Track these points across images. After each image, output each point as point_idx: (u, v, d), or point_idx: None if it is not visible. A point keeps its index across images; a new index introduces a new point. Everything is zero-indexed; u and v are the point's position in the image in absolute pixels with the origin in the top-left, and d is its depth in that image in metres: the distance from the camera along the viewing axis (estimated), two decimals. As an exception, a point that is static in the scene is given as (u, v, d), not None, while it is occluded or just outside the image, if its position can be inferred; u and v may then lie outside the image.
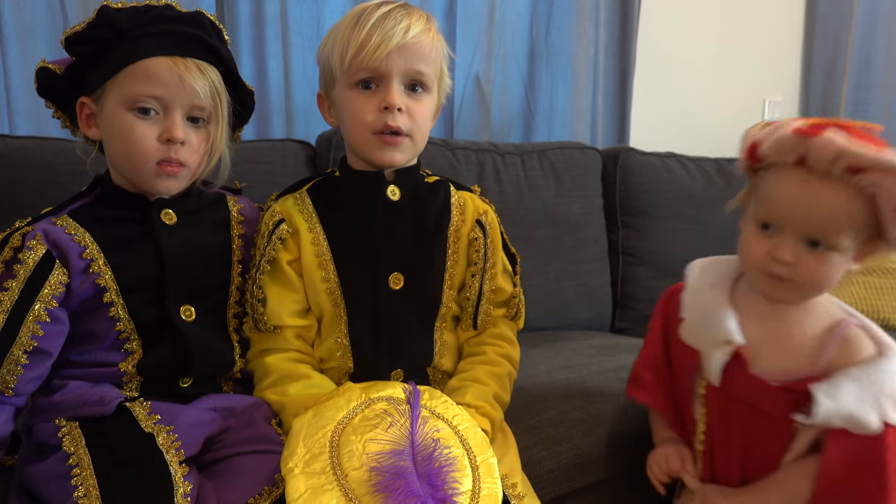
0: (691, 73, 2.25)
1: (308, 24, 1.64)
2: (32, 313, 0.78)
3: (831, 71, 2.46)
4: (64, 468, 0.71)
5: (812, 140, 0.74)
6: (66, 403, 0.80)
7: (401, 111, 0.89)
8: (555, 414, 1.05)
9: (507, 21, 1.88)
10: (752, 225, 0.81)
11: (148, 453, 0.72)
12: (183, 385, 0.88)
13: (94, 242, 0.83)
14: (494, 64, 1.87)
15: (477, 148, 1.62)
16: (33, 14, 1.41)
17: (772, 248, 0.77)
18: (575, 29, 1.95)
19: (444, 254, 0.96)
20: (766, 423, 0.81)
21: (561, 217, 1.64)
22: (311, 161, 1.45)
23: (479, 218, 0.99)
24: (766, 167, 0.80)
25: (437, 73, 0.94)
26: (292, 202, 0.96)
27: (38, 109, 1.44)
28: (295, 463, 0.71)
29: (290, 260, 0.92)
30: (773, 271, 0.78)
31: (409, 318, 0.94)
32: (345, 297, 0.91)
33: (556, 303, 1.59)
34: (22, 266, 0.79)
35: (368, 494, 0.68)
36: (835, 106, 2.46)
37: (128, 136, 0.83)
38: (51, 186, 1.14)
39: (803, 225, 0.76)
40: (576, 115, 1.98)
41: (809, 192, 0.75)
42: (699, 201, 1.82)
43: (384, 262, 0.93)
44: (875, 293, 1.65)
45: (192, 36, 0.85)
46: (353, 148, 0.95)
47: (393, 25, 0.88)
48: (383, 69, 0.88)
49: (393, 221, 0.94)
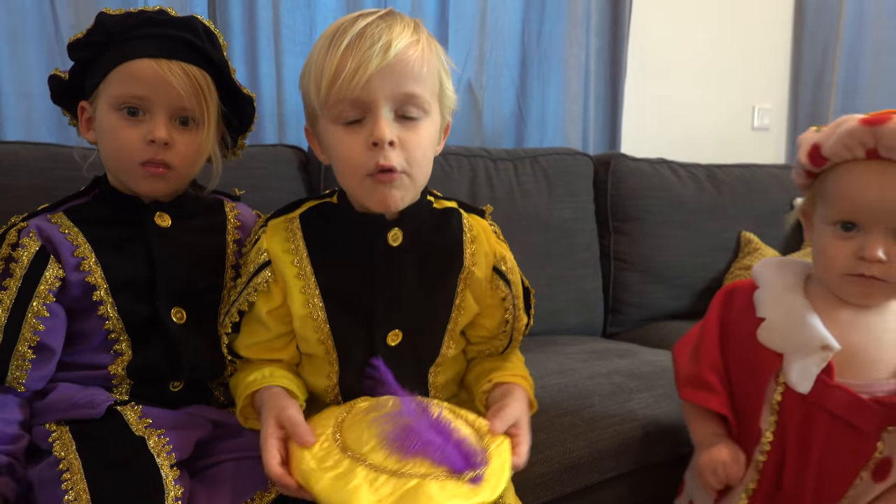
0: (682, 80, 2.27)
1: (300, 30, 1.64)
2: (31, 310, 0.79)
3: (820, 79, 2.48)
4: (55, 473, 0.71)
5: (882, 128, 0.71)
6: (56, 405, 0.80)
7: (392, 145, 0.75)
8: (547, 418, 1.05)
9: (499, 27, 1.89)
10: (827, 229, 0.77)
11: (139, 456, 0.72)
12: (173, 389, 0.87)
13: (87, 242, 0.83)
14: (486, 70, 1.88)
15: (469, 154, 1.63)
16: (24, 20, 1.41)
17: (857, 248, 0.74)
18: (566, 35, 1.96)
19: (450, 305, 0.86)
20: (850, 438, 0.76)
21: (553, 223, 1.65)
22: (304, 166, 1.45)
23: (497, 265, 0.87)
24: (831, 168, 0.77)
25: (433, 90, 0.79)
26: (283, 236, 0.85)
27: (29, 115, 1.44)
28: (308, 463, 0.70)
29: (270, 309, 0.84)
30: (864, 272, 0.73)
31: (405, 370, 0.83)
32: (337, 349, 0.84)
33: (548, 308, 1.59)
34: (17, 264, 0.80)
35: (389, 458, 0.69)
36: (823, 113, 2.48)
37: (114, 137, 0.84)
38: (41, 192, 1.13)
39: (888, 217, 0.72)
40: (567, 121, 1.99)
41: (890, 182, 0.72)
42: (690, 207, 1.83)
43: (382, 320, 0.84)
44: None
45: (180, 39, 0.85)
46: (346, 191, 0.84)
47: (370, 45, 0.74)
48: (366, 98, 0.75)
49: (393, 272, 0.83)
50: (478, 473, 0.69)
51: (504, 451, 0.75)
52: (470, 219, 0.90)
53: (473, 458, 0.70)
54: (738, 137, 2.41)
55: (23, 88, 1.42)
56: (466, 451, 0.70)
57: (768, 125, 2.48)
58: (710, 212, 1.86)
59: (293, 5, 1.62)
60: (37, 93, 1.44)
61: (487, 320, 0.90)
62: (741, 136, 2.42)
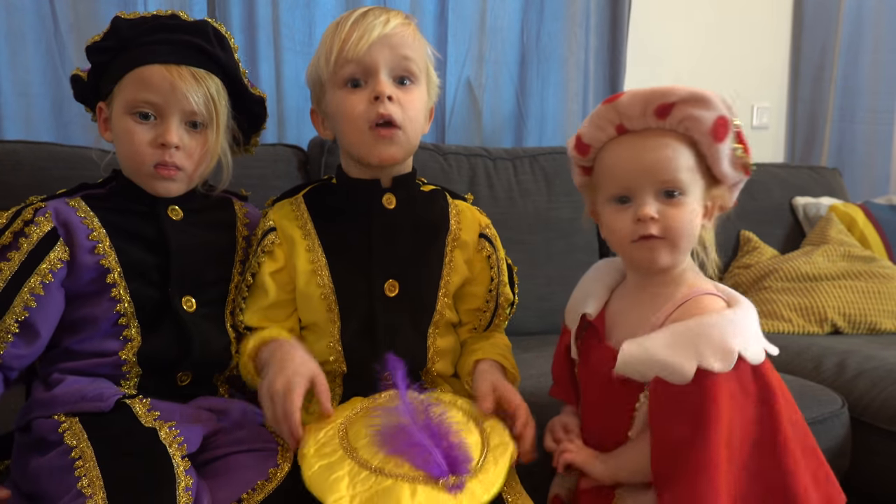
0: (680, 79, 2.25)
1: (300, 29, 1.65)
2: (28, 285, 0.81)
3: (818, 77, 2.48)
4: (66, 461, 0.72)
5: (619, 100, 0.80)
6: (64, 398, 0.81)
7: (391, 100, 0.88)
8: (546, 418, 1.05)
9: (499, 26, 1.89)
10: (607, 208, 0.84)
11: (150, 446, 0.73)
12: (181, 383, 0.89)
13: (102, 227, 0.86)
14: (486, 69, 1.88)
15: (468, 153, 1.63)
16: (23, 19, 1.41)
17: (633, 214, 0.80)
18: (565, 34, 1.96)
19: (441, 262, 0.96)
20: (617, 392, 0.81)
21: (552, 222, 1.65)
22: (303, 166, 1.45)
23: (483, 231, 1.00)
24: (597, 157, 0.86)
25: (422, 65, 0.93)
26: (288, 209, 0.96)
27: (28, 114, 1.44)
28: (308, 448, 0.74)
29: (273, 270, 0.93)
30: (643, 233, 0.79)
31: (403, 323, 0.93)
32: (339, 303, 0.92)
33: (547, 307, 1.59)
34: (26, 239, 0.82)
35: (377, 454, 0.71)
36: (822, 111, 2.48)
37: (128, 140, 0.87)
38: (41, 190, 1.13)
39: (650, 180, 0.79)
40: (567, 120, 1.99)
41: (640, 148, 0.80)
42: (689, 206, 1.83)
43: (379, 270, 0.93)
44: (864, 297, 1.67)
45: (191, 45, 0.88)
46: (348, 150, 0.94)
47: (372, 20, 0.89)
48: (368, 61, 0.88)
49: (389, 229, 0.94)
50: (460, 481, 0.69)
51: (504, 462, 0.75)
52: (454, 201, 1.02)
53: (460, 465, 0.70)
54: (737, 136, 2.41)
55: (22, 87, 1.43)
56: (455, 456, 0.71)
57: (767, 124, 2.48)
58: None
59: (292, 4, 1.63)
60: (36, 92, 1.44)
61: (477, 287, 0.99)
62: (740, 135, 2.42)
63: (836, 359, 1.37)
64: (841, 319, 1.64)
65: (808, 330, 1.64)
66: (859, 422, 1.22)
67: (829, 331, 1.64)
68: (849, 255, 1.77)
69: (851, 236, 1.85)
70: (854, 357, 1.36)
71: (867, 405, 1.23)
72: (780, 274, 1.74)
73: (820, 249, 1.78)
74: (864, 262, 1.75)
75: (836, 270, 1.72)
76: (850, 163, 2.52)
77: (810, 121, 2.51)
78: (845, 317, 1.64)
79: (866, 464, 1.22)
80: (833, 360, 1.37)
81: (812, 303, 1.66)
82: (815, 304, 1.65)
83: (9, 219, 0.85)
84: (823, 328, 1.64)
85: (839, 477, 1.20)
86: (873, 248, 1.86)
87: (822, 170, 2.15)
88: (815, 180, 2.06)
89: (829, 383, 1.29)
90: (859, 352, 1.39)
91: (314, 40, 1.66)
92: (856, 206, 1.95)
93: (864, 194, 2.38)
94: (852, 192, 2.26)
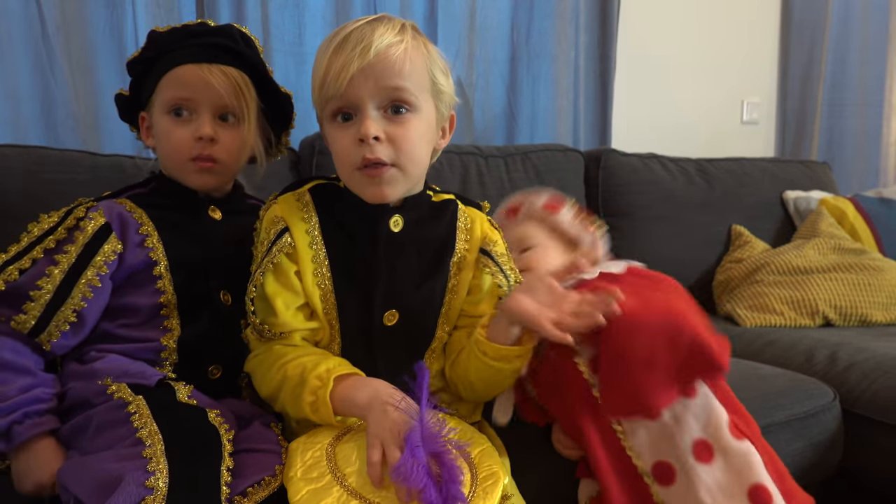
0: (671, 75, 2.28)
1: (289, 30, 1.64)
2: (85, 277, 0.85)
3: (807, 73, 2.50)
4: (120, 414, 0.76)
5: None
6: (108, 371, 0.84)
7: (378, 140, 0.80)
8: (541, 414, 1.05)
9: (488, 25, 1.90)
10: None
11: (201, 421, 0.77)
12: (212, 377, 0.93)
13: (150, 221, 0.91)
14: (476, 68, 1.89)
15: (460, 151, 1.63)
16: (10, 22, 1.40)
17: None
18: (555, 32, 1.97)
19: (444, 290, 0.91)
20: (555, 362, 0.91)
21: (544, 219, 1.65)
22: (295, 166, 1.45)
23: (483, 247, 0.92)
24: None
25: (421, 86, 0.84)
26: (296, 207, 0.89)
27: (16, 117, 1.43)
28: (294, 472, 0.73)
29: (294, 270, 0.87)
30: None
31: (400, 351, 0.89)
32: (340, 323, 0.88)
33: (541, 304, 1.59)
34: (81, 233, 0.86)
35: (367, 484, 0.70)
36: (811, 106, 2.50)
37: (168, 138, 0.93)
38: (31, 195, 1.13)
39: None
40: (557, 118, 2.00)
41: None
42: (680, 201, 1.84)
43: (380, 300, 0.88)
44: (855, 290, 1.68)
45: (219, 45, 0.95)
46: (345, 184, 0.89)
47: (352, 48, 0.79)
48: (351, 97, 0.80)
49: (393, 256, 0.88)
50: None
51: (494, 496, 0.73)
52: (466, 210, 0.95)
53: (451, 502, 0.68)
54: (728, 131, 2.42)
55: (10, 91, 1.42)
56: (448, 492, 0.68)
57: (757, 119, 2.49)
58: (701, 206, 1.87)
59: (281, 4, 1.62)
60: (24, 95, 1.43)
61: (483, 307, 0.92)
62: (730, 131, 2.43)
63: (828, 351, 1.37)
64: (832, 312, 1.65)
65: (800, 323, 1.64)
66: (851, 413, 1.23)
67: (821, 323, 1.65)
68: (839, 247, 1.78)
69: (842, 229, 1.86)
70: (845, 349, 1.37)
71: (858, 397, 1.24)
72: (772, 267, 1.75)
73: (811, 243, 1.79)
74: (855, 255, 1.76)
75: (827, 263, 1.73)
76: (839, 157, 2.54)
77: (800, 116, 2.52)
78: (836, 309, 1.65)
79: (859, 455, 1.23)
80: (824, 352, 1.37)
81: (803, 296, 1.67)
82: (806, 297, 1.66)
83: (61, 217, 0.89)
84: (815, 321, 1.65)
85: (832, 469, 1.22)
86: (863, 240, 1.87)
87: (812, 164, 2.16)
88: (805, 174, 2.07)
89: (820, 376, 1.30)
90: (850, 344, 1.40)
91: (304, 41, 1.66)
92: (846, 199, 1.96)
93: (854, 188, 2.40)
94: (842, 186, 2.28)
